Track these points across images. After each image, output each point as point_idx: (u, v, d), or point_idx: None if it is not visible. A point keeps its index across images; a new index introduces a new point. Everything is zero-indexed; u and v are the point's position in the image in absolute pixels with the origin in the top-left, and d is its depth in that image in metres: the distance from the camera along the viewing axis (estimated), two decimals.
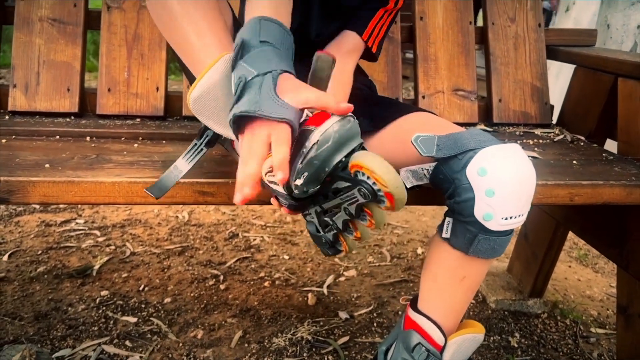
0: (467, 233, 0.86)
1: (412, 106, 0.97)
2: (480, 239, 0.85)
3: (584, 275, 1.88)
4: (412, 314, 0.96)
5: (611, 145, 1.31)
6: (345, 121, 0.69)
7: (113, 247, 1.86)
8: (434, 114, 1.00)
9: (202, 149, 0.87)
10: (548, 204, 1.22)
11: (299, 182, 0.69)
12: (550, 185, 1.01)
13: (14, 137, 1.15)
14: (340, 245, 0.81)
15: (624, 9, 2.01)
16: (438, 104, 1.40)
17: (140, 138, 1.20)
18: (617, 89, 1.25)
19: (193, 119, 1.33)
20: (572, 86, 1.43)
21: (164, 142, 1.19)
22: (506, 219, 0.83)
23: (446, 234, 0.88)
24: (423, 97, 1.40)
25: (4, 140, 1.12)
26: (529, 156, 1.18)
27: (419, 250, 1.95)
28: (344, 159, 0.70)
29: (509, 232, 0.87)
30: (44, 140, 1.15)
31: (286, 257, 1.85)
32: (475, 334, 0.94)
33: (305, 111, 0.72)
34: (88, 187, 0.91)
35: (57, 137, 1.18)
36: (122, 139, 1.19)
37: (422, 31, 1.42)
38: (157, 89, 1.32)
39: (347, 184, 0.71)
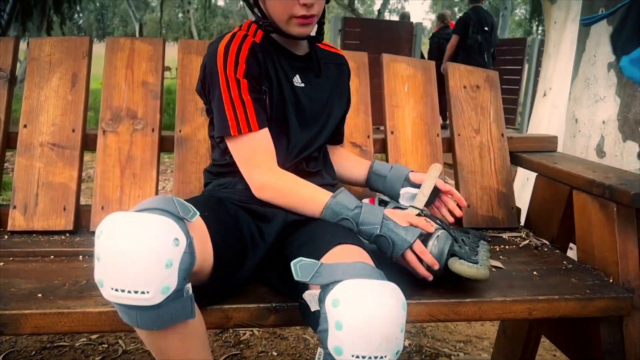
0: None
1: (347, 236, 1.02)
2: None
3: None
4: None
5: (574, 250, 1.39)
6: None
7: (106, 345, 1.90)
8: (362, 247, 1.01)
9: None
10: (508, 319, 1.29)
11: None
12: (508, 302, 1.09)
13: (11, 258, 1.24)
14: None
15: (589, 105, 2.15)
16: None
17: None
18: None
19: None
20: (534, 192, 1.53)
21: None
22: (357, 357, 0.80)
23: None
24: None
25: (1, 263, 1.21)
26: (493, 266, 1.26)
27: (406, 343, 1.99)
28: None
29: None
30: (39, 261, 1.24)
31: (275, 353, 1.89)
32: None
33: None
34: (77, 317, 0.98)
35: (52, 257, 1.26)
36: None
37: (393, 144, 1.54)
38: None
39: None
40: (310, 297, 0.91)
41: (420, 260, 1.04)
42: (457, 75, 1.61)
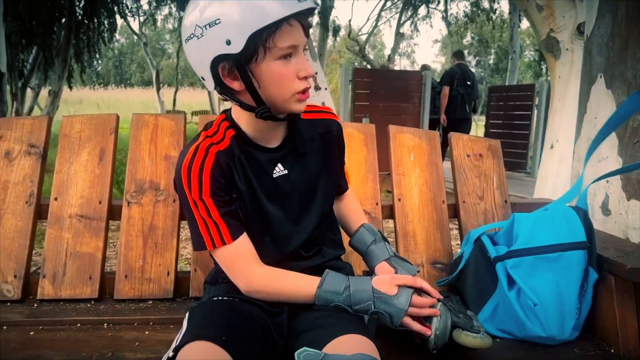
0: None
1: (349, 324, 1.06)
2: None
3: None
4: None
5: None
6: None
7: None
8: (369, 336, 1.04)
9: None
10: None
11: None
12: None
13: (40, 327, 1.32)
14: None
15: (593, 164, 2.21)
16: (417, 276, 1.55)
17: (151, 323, 1.36)
18: None
19: (199, 299, 1.49)
20: None
21: (172, 326, 1.34)
22: None
23: None
24: None
25: (32, 333, 1.29)
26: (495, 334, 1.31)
27: None
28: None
29: None
30: (66, 329, 1.31)
31: None
32: None
33: None
34: None
35: (79, 325, 1.34)
36: (135, 324, 1.35)
37: (401, 211, 1.62)
38: (168, 273, 1.50)
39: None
40: None
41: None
42: (460, 144, 1.70)
